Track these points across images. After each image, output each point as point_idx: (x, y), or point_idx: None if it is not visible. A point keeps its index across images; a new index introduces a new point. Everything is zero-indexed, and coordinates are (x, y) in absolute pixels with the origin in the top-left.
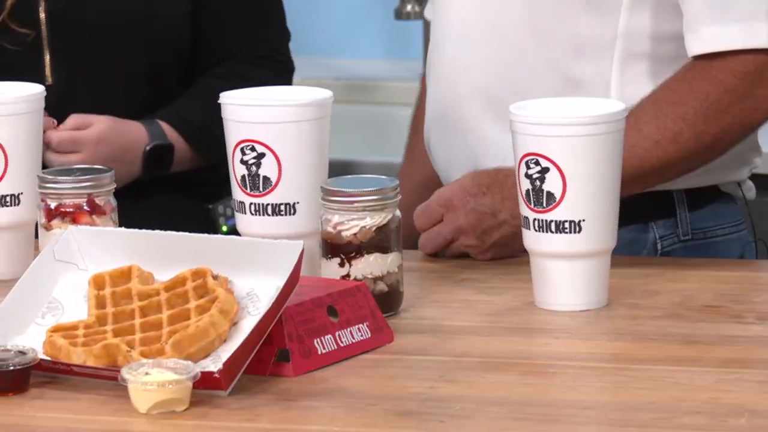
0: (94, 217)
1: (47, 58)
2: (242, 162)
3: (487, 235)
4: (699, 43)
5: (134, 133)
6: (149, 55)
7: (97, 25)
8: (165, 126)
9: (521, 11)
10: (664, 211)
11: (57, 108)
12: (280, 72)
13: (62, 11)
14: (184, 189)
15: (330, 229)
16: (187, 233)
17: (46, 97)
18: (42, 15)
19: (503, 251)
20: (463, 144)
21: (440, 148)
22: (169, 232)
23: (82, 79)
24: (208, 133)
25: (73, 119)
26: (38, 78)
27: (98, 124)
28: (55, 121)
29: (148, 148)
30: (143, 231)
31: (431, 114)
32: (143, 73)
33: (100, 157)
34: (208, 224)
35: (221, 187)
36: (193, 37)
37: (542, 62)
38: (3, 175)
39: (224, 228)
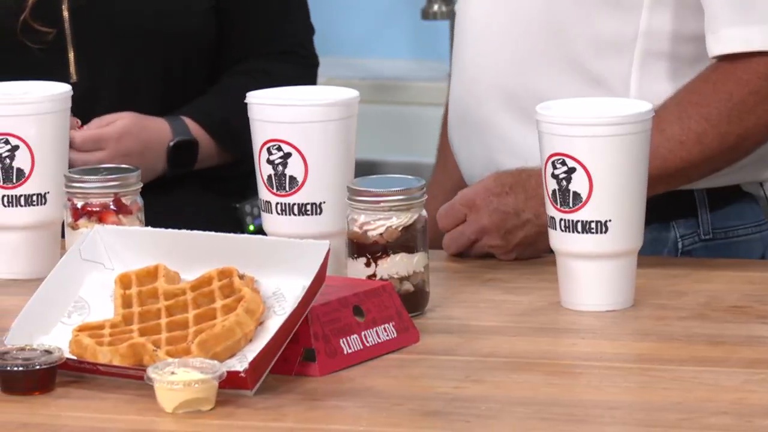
0: (120, 216)
1: (71, 55)
2: (269, 162)
3: (511, 234)
4: (719, 45)
5: (157, 129)
6: (173, 52)
7: (120, 22)
8: (189, 122)
9: (541, 10)
10: (686, 210)
11: (81, 106)
12: (304, 67)
13: (85, 8)
14: (211, 187)
15: (356, 229)
16: (213, 233)
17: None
18: (65, 13)
19: (527, 251)
20: (483, 143)
21: (462, 148)
22: (195, 232)
23: (106, 77)
24: (232, 127)
25: (96, 120)
26: (63, 76)
27: (120, 121)
28: (79, 121)
29: (171, 143)
30: (170, 230)
31: (454, 113)
32: (167, 69)
33: (122, 152)
34: (234, 223)
35: (248, 186)
36: (217, 33)
37: (562, 61)
38: (30, 175)
39: (251, 227)
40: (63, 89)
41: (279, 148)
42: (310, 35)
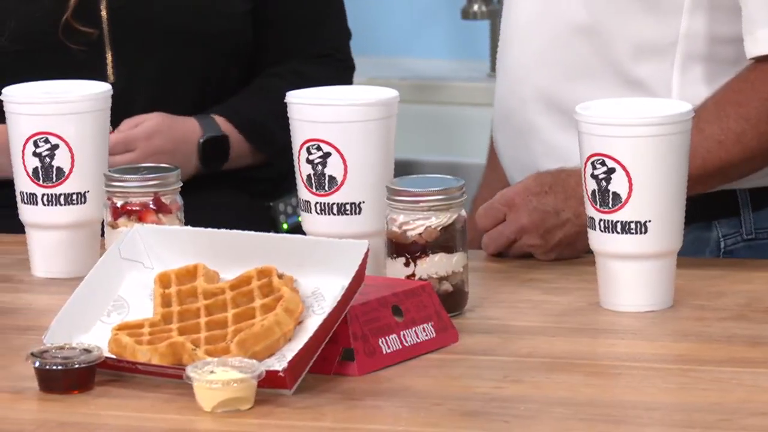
0: (160, 215)
1: (109, 56)
2: (308, 161)
3: (550, 234)
4: (756, 46)
5: (187, 127)
6: (210, 53)
7: (158, 23)
8: (219, 119)
9: (583, 15)
10: (728, 210)
11: (118, 106)
12: (340, 70)
13: (123, 9)
14: (245, 187)
15: (395, 229)
16: (253, 232)
17: None
18: (103, 13)
19: (567, 251)
20: (526, 146)
21: (506, 150)
22: (235, 231)
23: (144, 77)
24: (263, 126)
25: (125, 122)
26: (100, 76)
27: (148, 121)
28: (110, 127)
29: (202, 140)
30: (209, 230)
31: (497, 115)
32: (204, 71)
33: (153, 152)
34: (268, 222)
35: (282, 185)
36: (254, 36)
37: (604, 66)
38: (69, 174)
39: (285, 225)
40: (103, 88)
41: (318, 148)
42: (346, 39)
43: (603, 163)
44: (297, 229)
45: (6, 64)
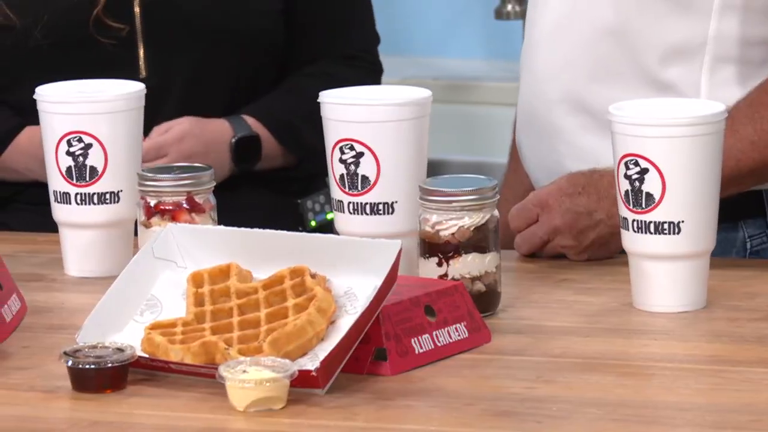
0: (193, 214)
1: (141, 52)
2: (341, 161)
3: (583, 235)
4: None
5: (217, 128)
6: (242, 50)
7: (191, 19)
8: (250, 120)
9: (611, 17)
10: (754, 210)
11: (149, 102)
12: (370, 73)
13: (156, 4)
14: (274, 185)
15: (428, 229)
16: (285, 232)
17: None
18: (137, 9)
19: (600, 252)
20: (551, 148)
21: (530, 151)
22: (268, 231)
23: (175, 74)
24: (293, 126)
25: (155, 129)
26: (132, 72)
27: (178, 126)
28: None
29: (234, 140)
30: (242, 229)
31: (521, 116)
32: (236, 68)
33: (185, 154)
34: (296, 219)
35: (310, 183)
36: (285, 36)
37: (631, 68)
38: (103, 173)
39: (312, 223)
40: (136, 88)
41: (351, 148)
42: (375, 43)
43: (636, 164)
44: (324, 226)
45: (40, 58)
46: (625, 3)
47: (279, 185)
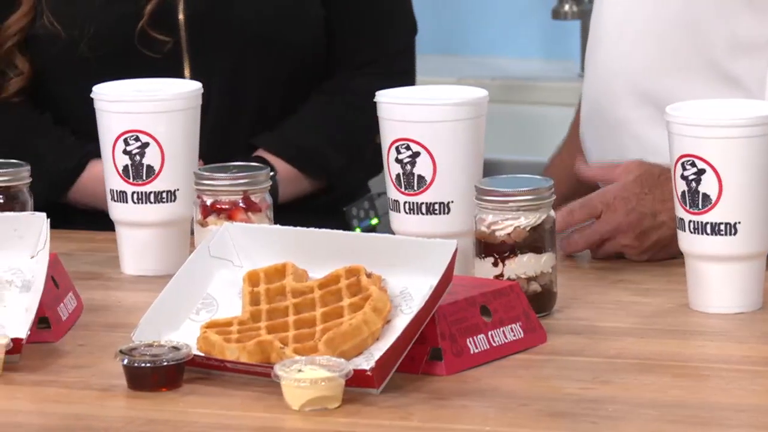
0: (249, 214)
1: (186, 61)
2: (397, 161)
3: (645, 236)
4: None
5: None
6: (284, 60)
7: (235, 29)
8: (263, 153)
9: (679, 9)
10: None
11: None
12: (401, 78)
13: (201, 15)
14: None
15: (484, 229)
16: (341, 231)
17: None
18: (180, 17)
19: (660, 254)
20: (616, 142)
21: (593, 144)
22: (323, 230)
23: (218, 84)
24: (314, 151)
25: None
26: None
27: None
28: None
29: None
30: (298, 228)
31: (586, 110)
32: (279, 77)
33: None
34: (342, 226)
35: (357, 189)
36: (327, 43)
37: (698, 61)
38: (159, 172)
39: (357, 230)
40: (193, 87)
41: (407, 147)
42: (412, 39)
43: (693, 164)
44: (368, 232)
45: (88, 70)
46: None
47: (325, 190)
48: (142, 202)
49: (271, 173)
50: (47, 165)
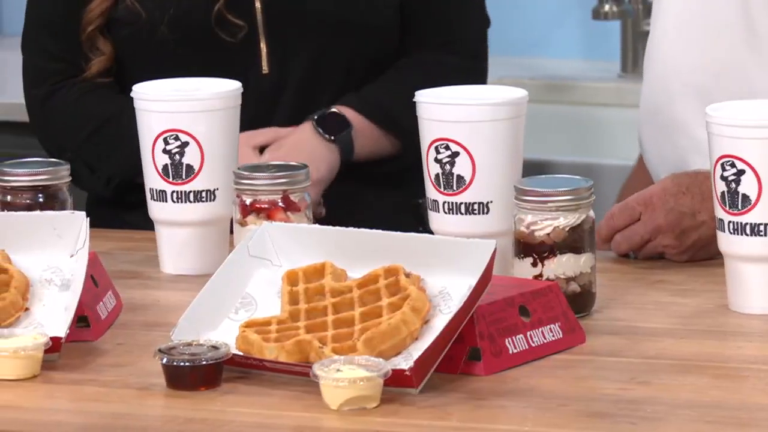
0: (288, 213)
1: (263, 48)
2: (436, 160)
3: (685, 235)
4: None
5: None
6: (359, 45)
7: (311, 13)
8: (346, 110)
9: (737, 10)
10: None
11: (269, 98)
12: (469, 60)
13: (277, 1)
14: (393, 183)
15: (523, 229)
16: (380, 231)
17: (260, 85)
18: (257, 4)
19: (700, 253)
20: (674, 142)
21: (651, 145)
22: (362, 230)
23: (294, 69)
24: (386, 107)
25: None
26: (254, 68)
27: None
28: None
29: (315, 117)
30: (337, 228)
31: (643, 110)
32: (355, 62)
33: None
34: (416, 219)
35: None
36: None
37: (756, 62)
38: (199, 171)
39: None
40: (233, 86)
41: (447, 147)
42: (484, 29)
43: (732, 165)
44: None
45: (165, 53)
46: None
47: (399, 183)
48: (181, 202)
49: (347, 128)
50: (132, 143)
